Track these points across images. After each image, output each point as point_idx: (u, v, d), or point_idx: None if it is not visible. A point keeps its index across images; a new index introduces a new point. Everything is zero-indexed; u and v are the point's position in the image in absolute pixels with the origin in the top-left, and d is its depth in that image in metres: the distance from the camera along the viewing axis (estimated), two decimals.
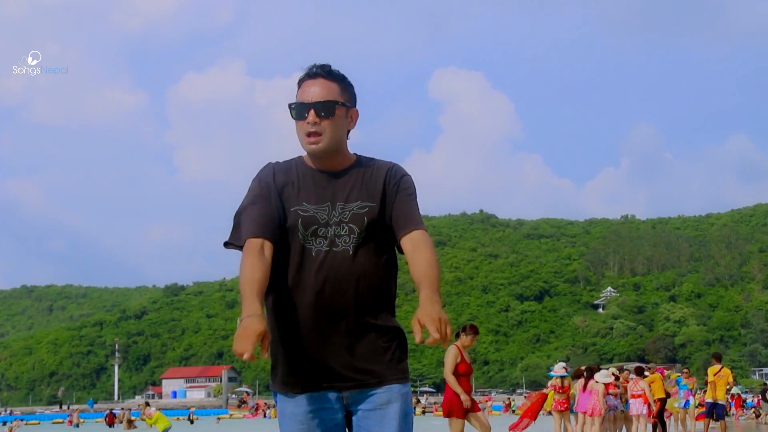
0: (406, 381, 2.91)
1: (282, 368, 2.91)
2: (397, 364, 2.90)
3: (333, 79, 2.93)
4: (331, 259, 2.83)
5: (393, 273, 2.98)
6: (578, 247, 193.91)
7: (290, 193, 2.92)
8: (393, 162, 3.04)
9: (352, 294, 2.83)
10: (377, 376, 2.85)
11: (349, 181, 2.93)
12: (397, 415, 2.84)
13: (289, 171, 2.97)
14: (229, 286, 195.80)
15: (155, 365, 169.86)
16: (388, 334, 2.90)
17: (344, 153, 2.97)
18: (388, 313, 2.93)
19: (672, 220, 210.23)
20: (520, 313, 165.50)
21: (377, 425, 2.84)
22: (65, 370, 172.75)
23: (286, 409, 2.91)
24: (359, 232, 2.86)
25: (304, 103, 2.88)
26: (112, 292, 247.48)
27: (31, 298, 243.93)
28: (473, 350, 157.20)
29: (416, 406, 63.29)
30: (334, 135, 2.89)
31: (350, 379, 2.84)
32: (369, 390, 2.85)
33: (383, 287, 2.92)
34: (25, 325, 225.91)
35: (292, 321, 2.86)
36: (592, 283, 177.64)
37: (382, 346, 2.88)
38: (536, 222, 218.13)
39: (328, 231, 2.85)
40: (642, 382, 15.39)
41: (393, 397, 2.85)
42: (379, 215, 2.90)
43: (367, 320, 2.86)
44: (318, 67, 2.93)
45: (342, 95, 2.92)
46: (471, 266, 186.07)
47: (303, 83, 2.94)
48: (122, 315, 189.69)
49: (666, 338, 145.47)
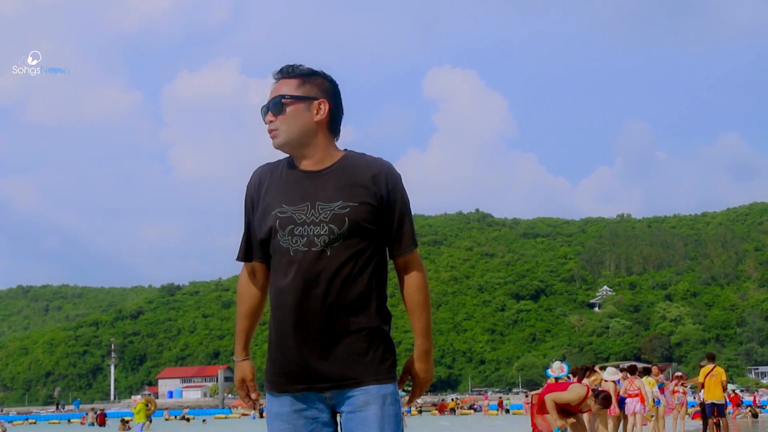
0: (387, 381, 2.89)
1: (269, 368, 2.98)
2: (378, 365, 2.88)
3: (292, 76, 2.99)
4: (309, 259, 2.84)
5: (380, 273, 2.95)
6: (574, 246, 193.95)
7: (273, 196, 2.95)
8: (384, 161, 3.00)
9: (331, 294, 2.83)
10: (355, 377, 2.85)
11: (331, 180, 2.92)
12: (376, 418, 2.84)
13: (274, 173, 3.01)
14: (225, 285, 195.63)
15: (151, 365, 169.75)
16: (370, 335, 2.88)
17: (321, 148, 2.98)
18: (372, 313, 2.90)
19: (668, 219, 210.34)
20: (516, 312, 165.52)
21: (358, 428, 2.85)
22: (61, 370, 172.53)
23: (273, 408, 2.95)
24: (339, 233, 2.84)
25: (263, 106, 3.02)
26: (108, 292, 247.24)
27: (27, 298, 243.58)
28: (469, 349, 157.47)
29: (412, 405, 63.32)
30: (289, 129, 2.94)
31: (328, 380, 2.85)
32: (348, 391, 2.86)
33: (366, 288, 2.88)
34: (21, 325, 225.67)
35: (277, 321, 2.92)
36: (588, 282, 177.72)
37: (362, 347, 2.86)
38: (532, 221, 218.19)
39: (306, 230, 2.85)
40: (638, 380, 15.38)
41: (371, 399, 2.84)
42: (364, 216, 2.88)
43: (347, 321, 2.85)
44: (279, 70, 3.02)
45: (299, 89, 2.96)
46: (467, 265, 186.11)
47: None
48: (118, 315, 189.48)
49: (662, 337, 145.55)
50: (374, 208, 2.89)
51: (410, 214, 3.01)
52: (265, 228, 2.93)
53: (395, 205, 2.94)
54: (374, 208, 2.89)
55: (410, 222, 2.99)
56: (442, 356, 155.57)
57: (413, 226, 3.01)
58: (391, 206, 2.93)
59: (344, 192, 2.88)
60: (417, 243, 3.02)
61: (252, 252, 3.05)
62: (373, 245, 2.92)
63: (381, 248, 2.96)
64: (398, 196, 2.95)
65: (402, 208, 2.97)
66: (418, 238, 3.06)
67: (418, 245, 3.06)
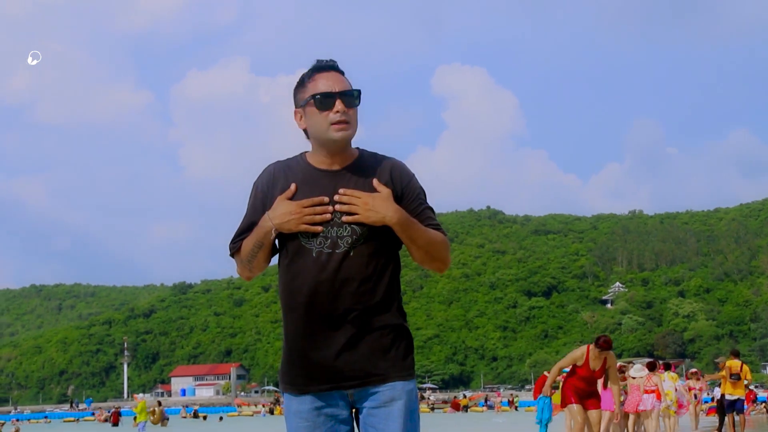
0: (410, 378, 2.91)
1: (288, 368, 2.95)
2: (402, 362, 2.90)
3: (342, 73, 2.95)
4: (334, 261, 2.83)
5: (397, 272, 2.96)
6: (586, 242, 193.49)
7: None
8: (396, 160, 3.01)
9: (356, 294, 2.84)
10: (380, 374, 2.86)
11: (351, 180, 2.90)
12: (401, 413, 2.86)
13: (288, 170, 2.96)
14: (237, 284, 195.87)
15: (164, 363, 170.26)
16: (393, 332, 2.89)
17: (349, 147, 2.97)
18: (392, 311, 2.91)
19: (680, 215, 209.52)
20: (527, 309, 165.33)
21: (382, 422, 2.86)
22: (75, 368, 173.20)
23: (292, 406, 2.93)
24: (361, 233, 2.85)
25: (331, 92, 2.87)
26: (120, 291, 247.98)
27: (40, 297, 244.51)
28: (481, 346, 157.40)
29: (423, 402, 63.21)
30: (355, 125, 2.90)
31: (354, 378, 2.85)
32: (373, 388, 2.86)
33: (387, 287, 2.90)
34: (35, 324, 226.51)
35: (295, 322, 2.90)
36: (600, 279, 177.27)
37: (385, 345, 2.87)
38: (543, 218, 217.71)
39: (330, 232, 2.85)
40: (655, 377, 15.30)
41: (397, 395, 2.86)
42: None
43: (370, 319, 2.85)
44: (330, 61, 2.95)
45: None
46: (478, 262, 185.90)
47: (314, 76, 2.92)
48: (131, 313, 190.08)
49: (675, 333, 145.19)
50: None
51: (431, 207, 3.00)
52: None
53: (411, 198, 2.94)
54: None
55: (433, 212, 2.99)
56: (454, 353, 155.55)
57: (436, 218, 3.00)
58: (407, 201, 2.93)
59: (364, 191, 2.87)
60: (445, 233, 2.99)
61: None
62: (392, 244, 2.92)
63: (398, 247, 2.97)
64: (414, 190, 2.96)
65: (420, 199, 2.97)
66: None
67: (447, 236, 3.01)
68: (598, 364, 10.08)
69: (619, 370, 15.58)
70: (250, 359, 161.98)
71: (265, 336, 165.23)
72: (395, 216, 2.83)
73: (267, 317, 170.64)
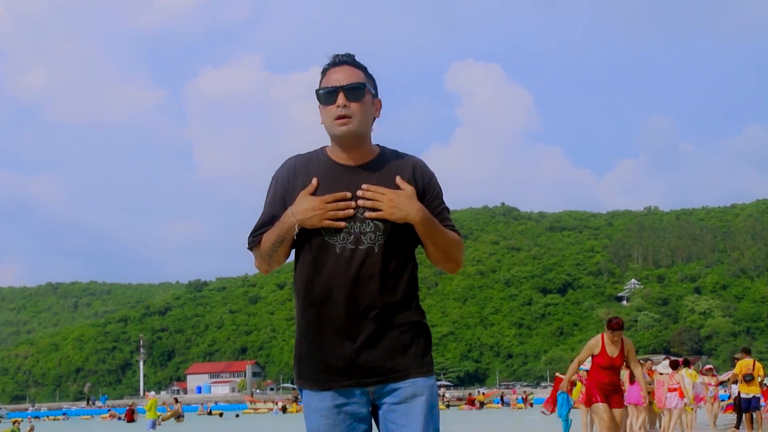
0: (430, 374, 2.92)
1: (307, 365, 2.93)
2: (422, 358, 2.91)
3: (358, 66, 2.93)
4: (357, 257, 2.83)
5: (416, 270, 2.97)
6: (601, 239, 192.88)
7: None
8: (418, 158, 3.01)
9: (378, 291, 2.84)
10: (401, 370, 2.86)
11: (374, 176, 2.89)
12: (423, 408, 2.87)
13: (309, 164, 2.94)
14: (252, 281, 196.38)
15: (180, 361, 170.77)
16: (413, 329, 2.90)
17: (368, 143, 2.95)
18: (413, 308, 2.92)
19: (696, 211, 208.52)
20: (543, 306, 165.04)
21: (403, 418, 2.86)
22: (91, 366, 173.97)
23: (311, 403, 2.92)
24: (384, 230, 2.85)
25: (332, 86, 2.87)
26: (135, 289, 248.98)
27: (56, 295, 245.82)
28: (497, 343, 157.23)
29: (439, 399, 63.12)
30: (362, 119, 2.87)
31: (375, 375, 2.86)
32: (394, 384, 2.87)
33: (408, 284, 2.91)
34: (51, 322, 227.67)
35: (316, 318, 2.89)
36: (615, 276, 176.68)
37: (406, 341, 2.88)
38: (558, 214, 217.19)
39: (353, 228, 2.84)
40: (677, 374, 15.26)
41: (418, 391, 2.87)
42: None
43: (391, 316, 2.86)
44: (343, 55, 2.94)
45: (368, 82, 2.92)
46: (493, 259, 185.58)
47: (328, 71, 2.92)
48: (146, 311, 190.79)
49: (691, 330, 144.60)
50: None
51: (447, 207, 3.02)
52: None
53: (432, 197, 2.95)
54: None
55: (449, 213, 3.01)
56: (469, 350, 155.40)
57: (450, 218, 3.01)
58: (428, 200, 2.93)
59: (387, 187, 2.87)
60: (460, 234, 3.02)
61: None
62: (412, 241, 2.93)
63: (415, 245, 2.97)
64: (434, 189, 2.97)
65: (440, 198, 2.99)
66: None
67: (462, 237, 3.04)
68: (615, 350, 9.95)
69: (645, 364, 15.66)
70: (266, 357, 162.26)
71: (280, 333, 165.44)
72: (419, 214, 2.83)
73: (282, 315, 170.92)
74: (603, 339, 10.00)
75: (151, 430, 31.05)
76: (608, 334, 9.94)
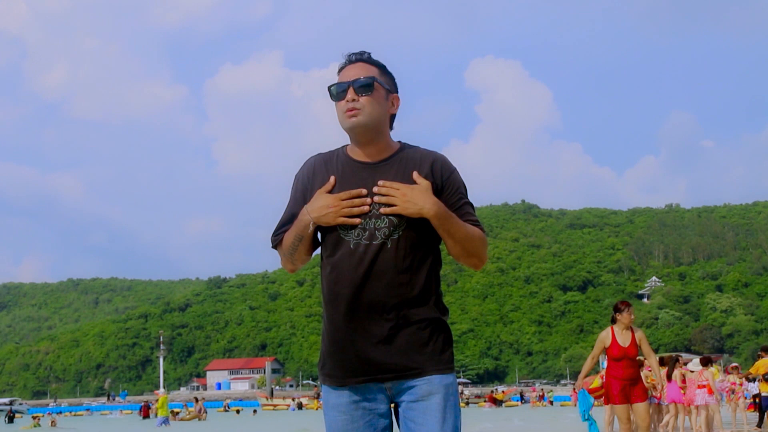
0: (448, 372, 2.89)
1: (327, 361, 2.94)
2: (439, 355, 2.87)
3: (373, 63, 2.96)
4: (371, 252, 2.83)
5: (436, 267, 2.95)
6: (622, 236, 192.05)
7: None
8: (439, 153, 2.99)
9: (392, 287, 2.83)
10: (417, 367, 2.84)
11: (390, 172, 2.89)
12: (439, 407, 2.84)
13: (329, 163, 2.96)
14: (272, 278, 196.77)
15: (200, 357, 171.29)
16: (430, 325, 2.87)
17: (386, 139, 2.96)
18: (431, 305, 2.89)
19: (717, 209, 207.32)
20: (563, 304, 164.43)
21: (421, 416, 2.84)
22: (111, 362, 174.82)
23: (330, 399, 2.94)
24: (398, 225, 2.84)
25: (342, 82, 2.91)
26: (156, 285, 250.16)
27: (78, 291, 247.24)
28: (516, 340, 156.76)
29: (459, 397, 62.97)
30: (373, 112, 2.88)
31: (390, 371, 2.84)
32: (410, 381, 2.85)
33: (426, 279, 2.88)
34: (72, 318, 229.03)
35: (333, 314, 2.89)
36: (636, 273, 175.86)
37: (423, 338, 2.85)
38: (579, 212, 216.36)
39: (367, 223, 2.85)
40: (707, 371, 15.09)
41: (434, 389, 2.85)
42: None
43: (407, 312, 2.84)
44: (356, 53, 2.97)
45: (381, 77, 2.94)
46: (513, 257, 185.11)
47: (342, 70, 2.96)
48: (166, 307, 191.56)
49: (713, 328, 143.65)
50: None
51: (471, 203, 3.00)
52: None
53: (451, 192, 2.93)
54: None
55: (472, 208, 2.99)
56: (489, 348, 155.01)
57: (476, 214, 2.99)
58: (447, 194, 2.91)
59: (404, 183, 2.86)
60: (484, 230, 2.98)
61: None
62: (431, 237, 2.90)
63: (437, 241, 2.95)
64: (454, 184, 2.94)
65: (461, 193, 2.96)
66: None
67: (485, 233, 2.99)
68: (627, 339, 9.71)
69: (667, 361, 15.52)
70: (285, 353, 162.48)
71: (300, 330, 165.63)
72: (432, 209, 2.81)
73: (301, 311, 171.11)
74: (613, 330, 9.79)
75: (161, 426, 31.07)
76: (618, 322, 9.74)
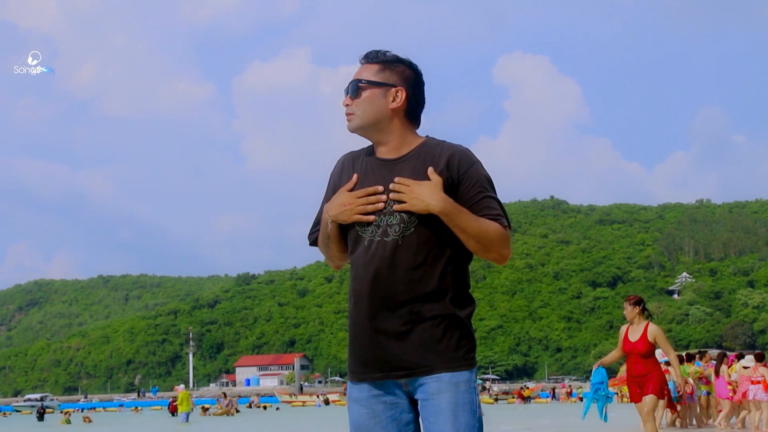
0: (461, 369, 2.84)
1: (350, 357, 2.97)
2: (453, 352, 2.83)
3: (374, 62, 2.97)
4: (382, 249, 2.82)
5: (458, 262, 2.89)
6: (652, 232, 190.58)
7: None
8: (460, 147, 2.93)
9: (405, 283, 2.81)
10: (427, 365, 2.82)
11: (406, 168, 2.87)
12: (449, 405, 2.81)
13: (356, 161, 2.99)
14: (300, 274, 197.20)
15: (228, 353, 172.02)
16: (444, 322, 2.83)
17: (400, 135, 2.94)
18: (447, 301, 2.84)
19: (749, 204, 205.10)
20: (592, 300, 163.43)
21: (432, 415, 2.83)
22: (141, 358, 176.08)
23: (353, 393, 2.95)
24: (409, 222, 2.82)
25: (345, 89, 2.99)
26: (185, 282, 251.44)
27: (108, 287, 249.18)
28: (545, 337, 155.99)
29: (484, 393, 62.63)
30: (364, 114, 2.91)
31: (403, 368, 2.83)
32: (421, 379, 2.83)
33: (440, 276, 2.83)
34: (102, 314, 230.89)
35: (352, 310, 2.92)
36: (666, 269, 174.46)
37: (436, 335, 2.82)
38: (608, 207, 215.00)
39: (382, 220, 2.85)
40: (762, 367, 14.89)
41: (443, 387, 2.81)
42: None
43: (420, 309, 2.81)
44: (364, 55, 3.00)
45: (378, 75, 2.93)
46: (542, 253, 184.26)
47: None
48: (195, 304, 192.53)
49: (744, 324, 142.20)
50: (452, 197, 2.84)
51: (495, 195, 2.90)
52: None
53: (469, 185, 2.86)
54: (452, 196, 2.84)
55: (495, 202, 2.89)
56: (517, 344, 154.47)
57: (502, 207, 2.89)
58: (464, 188, 2.86)
59: (417, 179, 2.84)
60: (508, 224, 2.88)
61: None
62: (449, 232, 2.84)
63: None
64: (472, 177, 2.87)
65: (481, 186, 2.87)
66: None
67: (510, 227, 2.89)
68: (637, 333, 9.55)
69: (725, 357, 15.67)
70: (314, 350, 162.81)
71: (328, 327, 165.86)
72: (438, 204, 2.76)
73: (330, 308, 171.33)
74: (629, 325, 9.72)
75: (185, 422, 31.59)
76: (628, 312, 9.62)
